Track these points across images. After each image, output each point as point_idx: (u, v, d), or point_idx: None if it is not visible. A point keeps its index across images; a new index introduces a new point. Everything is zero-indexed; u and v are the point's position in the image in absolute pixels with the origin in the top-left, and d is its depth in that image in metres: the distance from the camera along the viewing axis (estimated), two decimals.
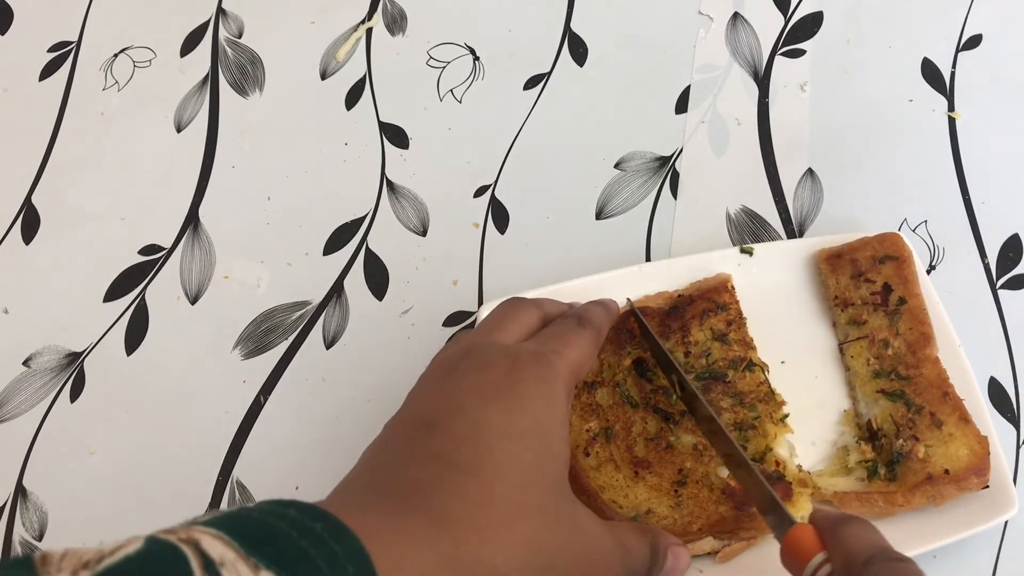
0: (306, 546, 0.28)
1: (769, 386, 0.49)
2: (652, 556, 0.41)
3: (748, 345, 0.50)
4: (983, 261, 0.57)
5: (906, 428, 0.47)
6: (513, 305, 0.45)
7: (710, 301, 0.51)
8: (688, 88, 0.64)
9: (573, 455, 0.45)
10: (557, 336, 0.42)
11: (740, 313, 0.51)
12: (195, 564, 0.25)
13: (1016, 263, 0.57)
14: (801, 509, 0.45)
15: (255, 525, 0.28)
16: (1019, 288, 0.56)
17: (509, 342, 0.42)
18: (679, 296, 0.52)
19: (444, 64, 0.67)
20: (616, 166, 0.62)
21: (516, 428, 0.37)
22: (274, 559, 0.27)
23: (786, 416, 0.48)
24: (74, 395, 0.57)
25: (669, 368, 0.48)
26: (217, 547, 0.26)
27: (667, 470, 0.47)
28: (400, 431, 0.39)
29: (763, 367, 0.50)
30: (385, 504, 0.33)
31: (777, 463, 0.46)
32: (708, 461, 0.47)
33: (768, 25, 0.67)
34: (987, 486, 0.45)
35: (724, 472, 0.46)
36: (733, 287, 0.52)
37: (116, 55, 0.70)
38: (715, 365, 0.49)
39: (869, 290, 0.51)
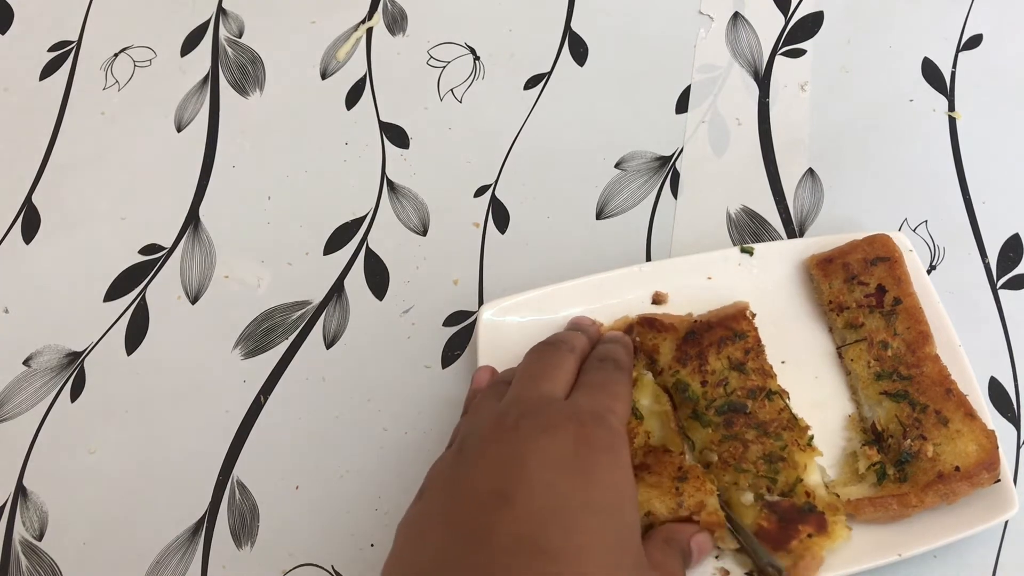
0: None
1: (791, 412, 0.48)
2: (684, 560, 0.42)
3: (767, 374, 0.49)
4: (983, 261, 0.57)
5: (912, 428, 0.47)
6: (550, 351, 0.46)
7: (728, 329, 0.50)
8: (688, 88, 0.64)
9: None
10: (604, 387, 0.44)
11: (759, 341, 0.50)
12: None
13: (1016, 263, 0.57)
14: (838, 538, 0.44)
15: None
16: (1019, 288, 0.56)
17: (560, 393, 0.43)
18: (696, 321, 0.51)
19: (444, 64, 0.67)
20: (616, 166, 0.62)
21: (595, 504, 0.37)
22: None
23: (812, 439, 0.48)
24: (74, 395, 0.57)
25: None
26: None
27: (667, 469, 0.46)
28: (467, 500, 0.37)
29: (783, 394, 0.49)
30: None
31: (808, 494, 0.45)
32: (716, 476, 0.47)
33: (768, 25, 0.67)
34: (998, 480, 0.45)
35: (749, 498, 0.45)
36: (752, 314, 0.51)
37: (116, 55, 0.70)
38: (733, 395, 0.48)
39: (863, 292, 0.51)
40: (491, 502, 0.36)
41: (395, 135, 0.64)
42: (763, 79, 0.64)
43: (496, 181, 0.62)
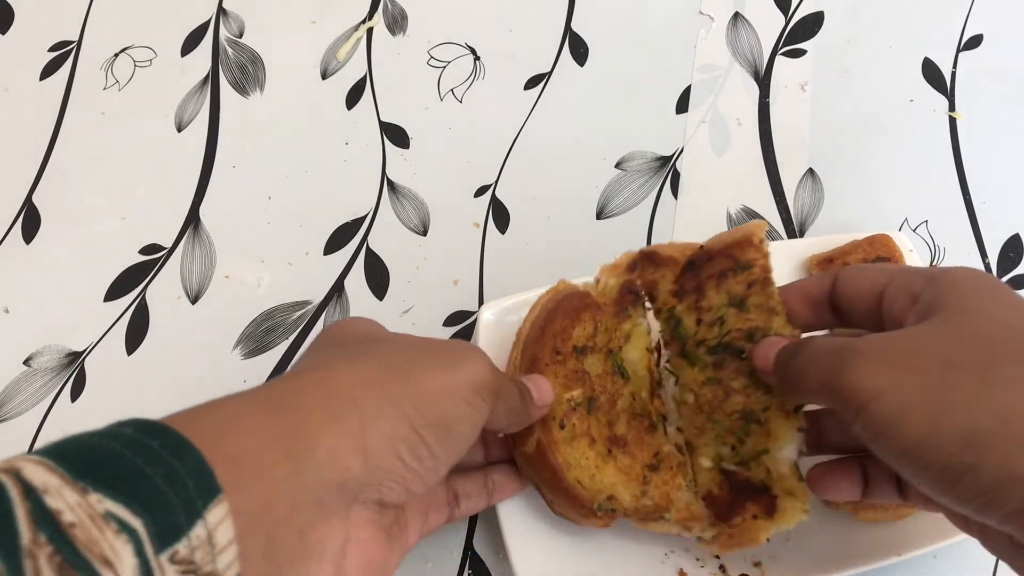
0: (142, 464, 0.26)
1: None
2: (521, 396, 0.40)
3: (772, 311, 0.42)
4: (983, 261, 0.57)
5: None
6: None
7: (731, 258, 0.43)
8: (689, 88, 0.64)
9: (546, 427, 0.42)
10: None
11: (767, 271, 0.43)
12: (14, 493, 0.23)
13: (1016, 263, 0.57)
14: (789, 521, 0.41)
15: (85, 448, 0.26)
16: (1020, 288, 0.56)
17: None
18: (700, 248, 0.44)
19: (444, 64, 0.67)
20: (617, 166, 0.62)
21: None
22: (106, 481, 0.25)
23: (802, 406, 0.42)
24: (75, 395, 0.57)
25: None
26: (40, 474, 0.24)
27: (643, 451, 0.44)
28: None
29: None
30: (232, 408, 0.33)
31: (768, 470, 0.42)
32: (689, 454, 0.44)
33: (769, 25, 0.67)
34: None
35: (707, 463, 0.43)
36: (763, 241, 0.43)
37: (117, 55, 0.70)
38: (729, 336, 0.42)
39: None
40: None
41: (395, 135, 0.64)
42: (763, 79, 0.64)
43: (496, 181, 0.62)
